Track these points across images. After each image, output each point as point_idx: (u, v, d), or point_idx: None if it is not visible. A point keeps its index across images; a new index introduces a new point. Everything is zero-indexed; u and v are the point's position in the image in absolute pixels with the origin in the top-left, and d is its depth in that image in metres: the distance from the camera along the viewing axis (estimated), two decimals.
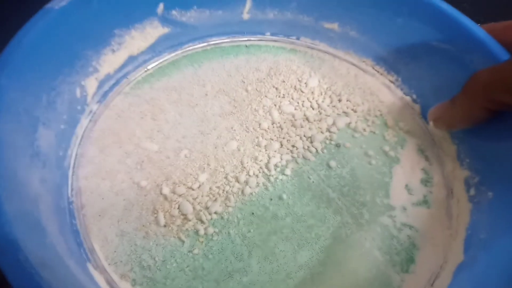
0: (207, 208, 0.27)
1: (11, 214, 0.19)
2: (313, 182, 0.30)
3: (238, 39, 0.36)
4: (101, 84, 0.30)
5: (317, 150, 0.31)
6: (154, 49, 0.33)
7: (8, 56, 0.23)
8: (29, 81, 0.24)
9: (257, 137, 0.31)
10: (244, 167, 0.29)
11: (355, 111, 0.34)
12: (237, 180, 0.29)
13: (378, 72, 0.36)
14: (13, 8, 0.35)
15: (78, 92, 0.29)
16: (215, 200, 0.28)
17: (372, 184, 0.30)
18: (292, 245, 0.27)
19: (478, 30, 0.28)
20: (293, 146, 0.31)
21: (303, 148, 0.31)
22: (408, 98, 0.35)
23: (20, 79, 0.23)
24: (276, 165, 0.30)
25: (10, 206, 0.20)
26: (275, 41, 0.37)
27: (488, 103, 0.25)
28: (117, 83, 0.32)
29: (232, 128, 0.31)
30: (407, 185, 0.31)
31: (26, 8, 0.26)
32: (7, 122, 0.22)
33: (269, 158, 0.30)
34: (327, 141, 0.32)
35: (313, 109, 0.33)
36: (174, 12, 0.32)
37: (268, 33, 0.37)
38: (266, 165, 0.30)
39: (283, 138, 0.31)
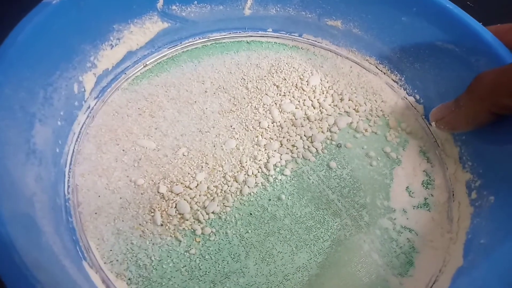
0: (204, 207, 0.27)
1: (6, 214, 0.19)
2: (312, 182, 0.30)
3: (239, 35, 0.36)
4: (99, 79, 0.30)
5: (317, 150, 0.31)
6: (153, 45, 0.33)
7: (4, 51, 0.23)
8: (26, 76, 0.24)
9: (257, 136, 0.31)
10: (243, 167, 0.29)
11: (357, 111, 0.33)
12: (236, 180, 0.29)
13: (381, 71, 0.35)
14: (11, 2, 0.34)
15: (75, 87, 0.28)
16: (213, 199, 0.28)
17: (372, 186, 0.30)
18: (290, 247, 0.27)
19: (484, 32, 0.28)
20: (293, 145, 0.31)
21: (303, 148, 0.31)
22: (411, 98, 0.34)
23: (16, 75, 0.23)
24: (275, 165, 0.30)
25: (5, 205, 0.19)
26: (277, 37, 0.36)
27: (493, 106, 0.25)
28: (115, 78, 0.31)
29: (231, 126, 0.31)
30: (408, 187, 0.30)
31: (25, 3, 0.25)
32: (2, 119, 0.22)
33: (269, 157, 0.30)
34: (328, 141, 0.32)
35: (314, 108, 0.33)
36: (174, 7, 0.32)
37: (270, 29, 0.36)
38: (265, 165, 0.30)
39: (283, 137, 0.31)
